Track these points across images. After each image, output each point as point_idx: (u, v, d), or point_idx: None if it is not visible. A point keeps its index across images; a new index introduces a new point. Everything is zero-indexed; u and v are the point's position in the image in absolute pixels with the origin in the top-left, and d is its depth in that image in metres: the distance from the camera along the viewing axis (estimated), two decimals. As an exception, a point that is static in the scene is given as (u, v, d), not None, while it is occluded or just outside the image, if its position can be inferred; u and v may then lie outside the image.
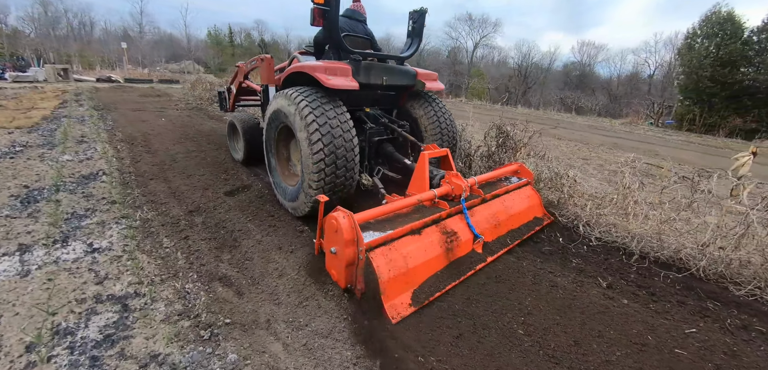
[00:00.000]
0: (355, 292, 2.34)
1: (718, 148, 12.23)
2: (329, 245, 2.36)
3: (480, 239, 2.94)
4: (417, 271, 2.45)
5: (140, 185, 4.12)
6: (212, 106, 10.95)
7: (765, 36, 16.40)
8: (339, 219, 2.25)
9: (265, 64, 4.31)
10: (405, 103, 4.46)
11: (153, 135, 6.75)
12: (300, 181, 3.17)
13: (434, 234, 2.68)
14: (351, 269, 2.30)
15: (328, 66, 3.09)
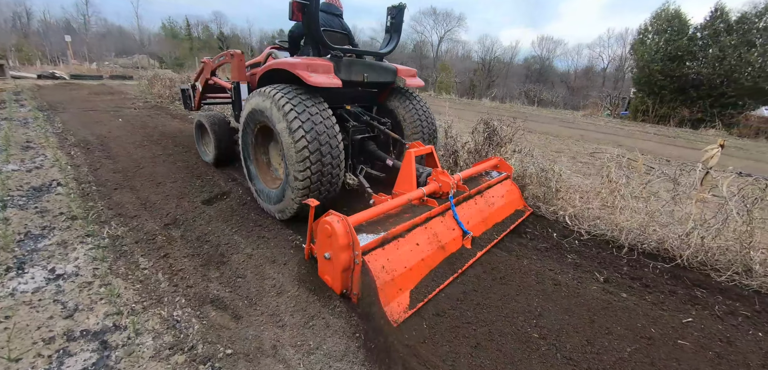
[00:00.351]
0: (350, 297, 2.28)
1: (672, 138, 13.14)
2: (322, 250, 2.29)
3: (469, 234, 2.97)
4: (412, 271, 2.43)
5: (103, 196, 3.68)
6: (174, 104, 10.21)
7: (707, 33, 17.78)
8: (333, 224, 2.18)
9: (235, 60, 4.11)
10: (384, 100, 4.40)
11: (111, 138, 6.13)
12: (284, 183, 3.06)
13: (426, 233, 2.67)
14: (346, 273, 2.24)
15: (309, 63, 2.99)
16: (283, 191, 3.08)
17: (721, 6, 17.53)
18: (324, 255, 2.28)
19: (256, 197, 3.56)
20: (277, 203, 3.21)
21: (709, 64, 17.52)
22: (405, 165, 3.05)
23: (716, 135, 15.03)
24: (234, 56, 4.13)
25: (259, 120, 3.20)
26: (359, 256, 2.16)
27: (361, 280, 2.20)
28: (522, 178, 4.53)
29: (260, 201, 3.47)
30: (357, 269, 2.19)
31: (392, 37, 4.03)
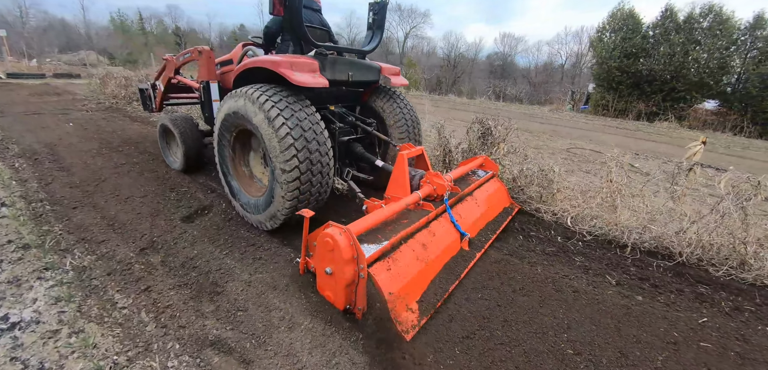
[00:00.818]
0: (354, 313, 2.16)
1: (633, 131, 13.88)
2: (323, 264, 2.16)
3: (466, 236, 2.92)
4: (417, 280, 2.33)
5: (61, 218, 3.15)
6: (132, 105, 9.30)
7: (658, 31, 19.01)
8: (335, 236, 2.04)
9: (203, 57, 3.82)
10: (367, 100, 4.25)
11: (62, 146, 5.39)
12: (269, 192, 2.87)
13: (425, 238, 2.57)
14: (350, 288, 2.12)
15: (293, 60, 2.79)
16: (270, 198, 2.88)
17: (670, 6, 18.79)
18: (325, 270, 2.14)
19: (242, 214, 3.24)
20: (263, 212, 2.99)
21: (660, 61, 18.72)
22: (398, 168, 2.92)
23: (670, 127, 16.12)
24: (202, 53, 3.84)
25: (238, 124, 2.98)
26: (364, 269, 2.03)
27: (366, 294, 2.09)
28: (519, 180, 4.45)
29: (247, 215, 3.17)
30: (362, 282, 2.07)
31: (374, 34, 3.89)
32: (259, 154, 3.41)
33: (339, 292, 2.14)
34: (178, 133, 4.27)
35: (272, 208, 2.88)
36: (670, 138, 12.73)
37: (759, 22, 17.06)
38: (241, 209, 3.22)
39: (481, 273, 2.84)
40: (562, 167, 4.96)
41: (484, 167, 4.08)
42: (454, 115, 13.47)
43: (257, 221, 3.09)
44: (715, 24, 17.55)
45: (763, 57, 16.72)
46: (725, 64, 17.58)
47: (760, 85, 16.56)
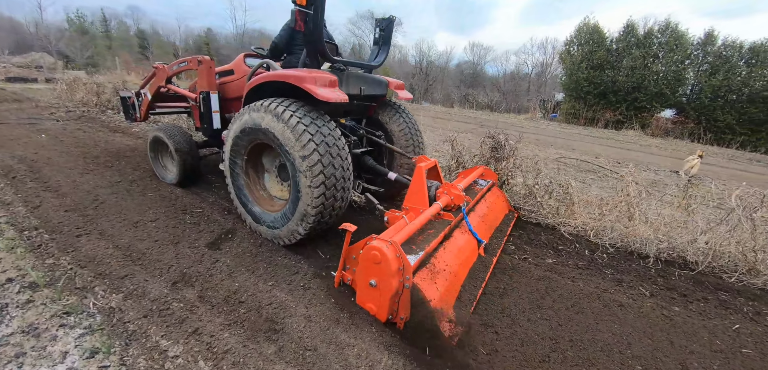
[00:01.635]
0: (396, 322, 2.18)
1: (606, 139, 14.68)
2: (367, 277, 2.17)
3: (483, 243, 3.06)
4: (451, 287, 2.42)
5: (66, 248, 2.77)
6: (106, 114, 8.58)
7: (621, 45, 20.33)
8: (383, 249, 2.05)
9: (204, 67, 3.74)
10: (373, 113, 4.34)
11: (41, 161, 4.82)
12: (289, 207, 2.88)
13: (452, 247, 2.69)
14: (394, 299, 2.13)
15: (316, 76, 2.79)
16: (291, 213, 2.87)
17: (631, 22, 20.17)
18: (369, 282, 2.15)
19: (267, 235, 3.14)
20: (283, 227, 2.96)
21: (623, 73, 20.02)
22: (416, 180, 2.97)
23: (635, 135, 17.20)
24: (202, 63, 3.76)
25: (255, 139, 2.97)
26: (410, 279, 2.07)
27: (409, 303, 2.11)
28: (537, 194, 4.50)
29: (270, 232, 3.10)
30: (406, 292, 2.10)
31: (381, 49, 3.96)
32: (273, 169, 3.37)
33: (383, 303, 2.14)
34: (173, 147, 4.07)
35: (293, 223, 2.86)
36: (639, 146, 13.58)
37: (709, 38, 18.68)
38: (268, 232, 3.10)
39: (531, 291, 2.84)
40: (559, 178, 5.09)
41: (484, 177, 4.21)
42: (441, 124, 13.61)
43: (274, 235, 3.05)
44: (672, 39, 19.04)
45: (714, 70, 18.30)
46: (681, 77, 19.10)
47: (711, 95, 18.10)
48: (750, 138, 17.00)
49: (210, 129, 3.87)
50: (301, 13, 2.81)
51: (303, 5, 2.77)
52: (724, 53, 18.37)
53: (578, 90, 21.42)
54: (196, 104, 4.00)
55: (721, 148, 15.44)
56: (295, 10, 2.82)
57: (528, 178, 4.72)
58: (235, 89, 3.97)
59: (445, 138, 9.62)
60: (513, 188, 4.79)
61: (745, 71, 17.59)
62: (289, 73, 2.89)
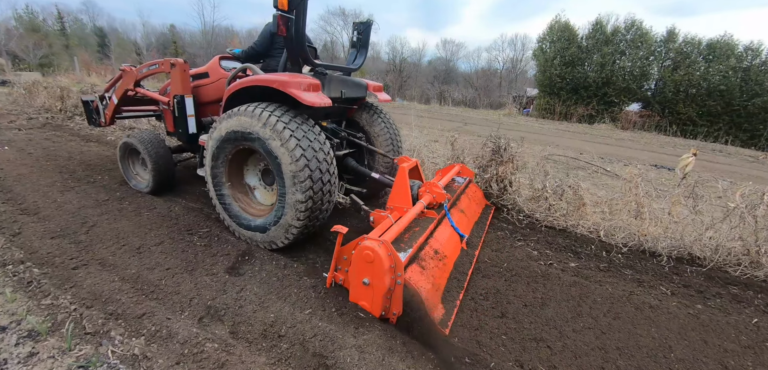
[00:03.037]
0: (389, 318, 2.26)
1: (582, 134, 15.22)
2: (360, 276, 2.25)
3: (465, 238, 3.20)
4: (438, 281, 2.53)
5: (62, 284, 2.43)
6: (73, 120, 7.86)
7: (591, 42, 21.15)
8: (375, 248, 2.14)
9: (177, 70, 3.66)
10: (352, 115, 4.44)
11: (10, 178, 4.28)
12: (276, 211, 2.91)
13: (437, 242, 2.79)
14: (387, 295, 2.22)
15: (300, 81, 2.83)
16: (277, 217, 2.90)
17: (600, 20, 21.01)
18: (362, 281, 2.23)
19: (253, 240, 3.17)
20: (268, 232, 2.99)
21: (594, 69, 20.85)
22: (399, 180, 3.07)
23: (607, 128, 17.97)
24: (176, 66, 3.66)
25: (239, 144, 2.96)
26: (401, 276, 2.16)
27: (402, 299, 2.20)
28: (548, 196, 4.52)
29: (257, 237, 3.11)
30: (398, 289, 2.18)
31: (359, 52, 4.04)
32: (257, 173, 3.38)
33: (377, 300, 2.22)
34: (147, 154, 3.94)
35: (280, 227, 2.90)
36: (614, 140, 14.18)
37: (671, 36, 19.79)
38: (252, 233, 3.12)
39: (567, 299, 2.84)
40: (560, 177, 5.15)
41: (461, 174, 4.36)
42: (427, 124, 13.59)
43: (261, 239, 3.07)
44: (637, 37, 20.01)
45: (675, 66, 19.42)
46: (646, 72, 20.13)
47: (674, 89, 19.20)
48: (709, 129, 18.19)
49: (185, 134, 3.77)
50: (282, 18, 2.80)
51: (285, 10, 2.77)
52: (684, 49, 19.52)
53: (551, 86, 22.11)
54: (169, 108, 3.88)
55: (686, 140, 16.42)
56: (277, 14, 2.79)
57: (535, 180, 4.73)
58: (211, 92, 3.93)
59: (433, 138, 9.60)
60: (518, 191, 4.79)
61: (704, 67, 18.77)
62: (273, 77, 2.88)
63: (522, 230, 4.06)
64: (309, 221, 2.84)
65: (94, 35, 39.76)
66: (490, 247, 3.57)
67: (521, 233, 3.99)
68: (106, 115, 4.73)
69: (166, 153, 4.09)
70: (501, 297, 2.75)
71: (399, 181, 3.05)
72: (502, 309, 2.60)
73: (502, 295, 2.78)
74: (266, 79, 2.88)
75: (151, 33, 48.84)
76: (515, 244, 3.73)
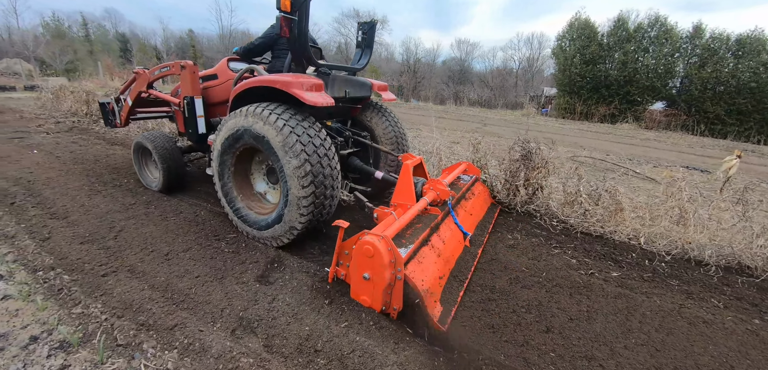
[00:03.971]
0: (389, 313, 2.28)
1: (605, 134, 14.75)
2: (361, 271, 2.26)
3: (468, 235, 3.17)
4: (439, 277, 2.51)
5: (92, 291, 2.39)
6: (99, 124, 8.00)
7: (612, 39, 20.54)
8: (376, 244, 2.14)
9: (187, 72, 3.74)
10: (357, 114, 4.47)
11: (39, 182, 4.34)
12: (280, 209, 2.96)
13: (439, 239, 2.78)
14: (387, 290, 2.23)
15: (303, 81, 2.86)
16: (281, 215, 2.94)
17: (622, 17, 20.39)
18: (363, 276, 2.24)
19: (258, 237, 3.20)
20: (272, 229, 3.05)
21: (616, 67, 20.24)
22: (403, 177, 3.08)
23: (631, 128, 17.39)
24: (185, 68, 3.74)
25: (244, 143, 3.02)
26: (401, 271, 2.16)
27: (402, 295, 2.20)
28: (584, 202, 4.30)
29: (261, 234, 3.15)
30: (398, 284, 2.19)
31: (364, 52, 4.07)
32: (262, 172, 3.44)
33: (377, 295, 2.23)
34: (157, 154, 4.07)
35: (284, 224, 2.94)
36: (640, 140, 13.68)
37: (698, 32, 19.04)
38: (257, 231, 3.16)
39: (615, 312, 2.66)
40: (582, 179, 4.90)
41: (467, 172, 4.34)
42: (446, 125, 13.40)
43: (265, 236, 3.11)
44: (662, 33, 19.32)
45: (703, 63, 18.67)
46: (671, 69, 19.42)
47: (701, 87, 18.46)
48: (739, 128, 17.42)
49: (195, 134, 3.86)
50: (285, 20, 2.83)
51: (287, 12, 2.80)
52: (711, 46, 18.75)
53: (572, 85, 21.57)
54: (180, 109, 3.98)
55: (715, 139, 15.75)
56: (280, 16, 2.82)
57: (568, 184, 4.52)
58: (220, 93, 3.99)
59: (454, 140, 9.42)
60: (550, 196, 4.58)
61: (733, 63, 17.99)
62: (276, 78, 2.92)
63: (557, 237, 3.87)
64: (312, 217, 2.88)
65: (117, 41, 40.90)
66: (526, 255, 3.41)
67: (556, 240, 3.80)
68: (122, 116, 4.87)
69: (175, 153, 4.21)
70: (544, 310, 2.58)
71: (403, 178, 3.07)
72: (547, 323, 2.44)
73: (545, 308, 2.61)
74: (270, 80, 2.94)
75: (170, 38, 50.00)
76: (552, 251, 3.55)
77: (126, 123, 4.96)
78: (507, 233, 3.86)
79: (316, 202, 2.86)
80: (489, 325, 2.38)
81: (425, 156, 6.51)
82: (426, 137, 8.09)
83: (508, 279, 2.95)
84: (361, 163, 4.03)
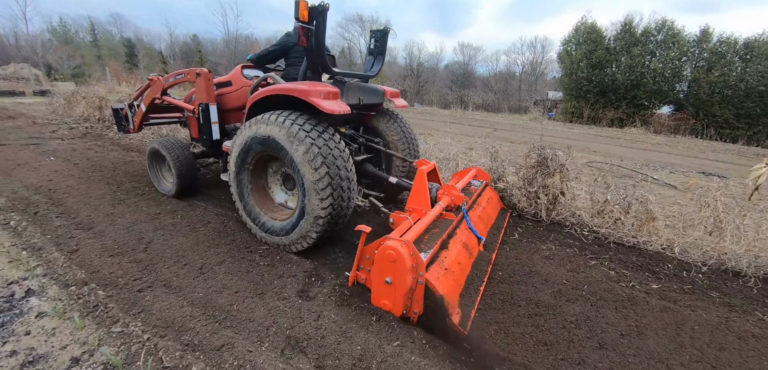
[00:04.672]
0: (409, 316, 2.30)
1: (615, 138, 14.66)
2: (382, 275, 2.28)
3: (482, 240, 3.19)
4: (458, 281, 2.53)
5: (130, 308, 2.31)
6: (112, 129, 7.95)
7: (619, 43, 20.48)
8: (398, 249, 2.17)
9: (202, 79, 3.79)
10: (370, 121, 4.52)
11: (60, 190, 4.28)
12: (297, 215, 3.00)
13: (454, 244, 2.79)
14: (409, 294, 2.25)
15: (320, 89, 2.89)
16: (298, 222, 2.98)
17: (628, 20, 20.35)
18: (384, 280, 2.26)
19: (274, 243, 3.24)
20: (289, 235, 3.07)
21: (622, 71, 20.18)
22: (418, 182, 3.09)
23: (639, 132, 17.30)
24: (201, 75, 3.80)
25: (262, 151, 3.07)
26: (423, 275, 2.18)
27: (423, 298, 2.22)
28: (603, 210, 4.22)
29: (278, 240, 3.19)
30: (420, 288, 2.21)
31: (376, 60, 4.12)
32: (278, 178, 3.46)
33: (398, 299, 2.25)
34: (171, 159, 4.13)
35: (301, 231, 2.97)
36: (651, 145, 13.59)
37: (705, 35, 18.99)
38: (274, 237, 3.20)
39: (663, 326, 2.59)
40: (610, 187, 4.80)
41: (477, 177, 4.39)
42: (457, 130, 13.34)
43: (282, 242, 3.14)
44: (669, 37, 19.27)
45: (710, 66, 18.60)
46: (678, 73, 19.34)
47: (709, 91, 18.38)
48: (748, 132, 17.31)
49: (209, 140, 3.90)
50: (303, 29, 2.88)
51: (306, 22, 2.86)
52: (718, 49, 18.68)
53: (578, 89, 21.49)
54: (194, 116, 4.03)
55: (725, 144, 15.64)
56: (298, 26, 2.87)
57: (595, 192, 4.44)
58: (233, 100, 4.06)
59: (467, 146, 9.34)
60: (574, 203, 4.49)
61: (741, 67, 17.91)
62: (294, 86, 2.96)
63: (590, 247, 3.79)
64: (330, 224, 2.92)
65: (123, 46, 41.06)
66: (564, 266, 3.33)
67: (590, 251, 3.71)
68: (135, 122, 4.91)
69: (189, 158, 4.27)
70: (593, 325, 2.50)
71: (418, 183, 3.08)
72: (599, 340, 2.36)
73: (594, 322, 2.53)
74: (288, 89, 2.97)
75: (175, 43, 50.10)
76: (588, 263, 3.46)
77: (139, 128, 5.01)
78: (540, 243, 3.78)
79: (334, 210, 2.89)
80: (542, 342, 2.30)
81: (441, 163, 6.44)
82: (440, 143, 8.01)
83: (551, 292, 2.88)
84: (375, 169, 4.08)
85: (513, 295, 2.80)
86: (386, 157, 4.47)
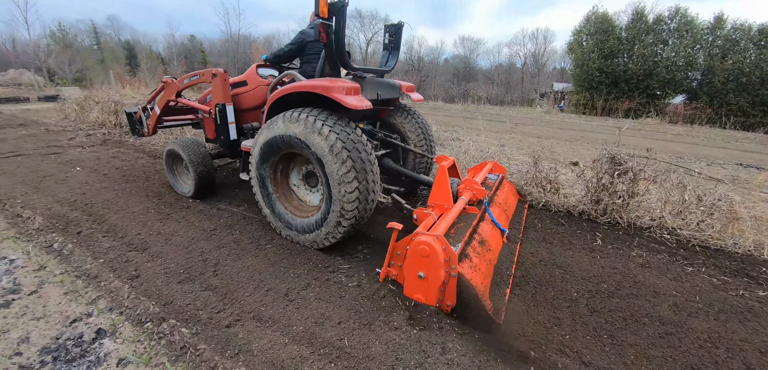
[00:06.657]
0: (442, 308, 2.32)
1: (634, 130, 14.39)
2: (415, 270, 2.29)
3: (506, 232, 3.18)
4: (487, 272, 2.55)
5: (223, 348, 2.01)
6: (131, 136, 7.60)
7: (631, 32, 20.20)
8: (431, 244, 2.19)
9: (218, 80, 3.80)
10: (386, 116, 4.50)
11: (98, 206, 3.95)
12: (323, 212, 3.03)
13: (480, 237, 2.80)
14: (442, 288, 2.26)
15: (342, 85, 2.88)
16: (324, 218, 3.00)
17: (640, 9, 20.05)
18: (418, 275, 2.28)
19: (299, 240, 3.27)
20: (315, 232, 3.10)
21: (635, 61, 19.91)
22: (440, 178, 3.10)
23: (655, 123, 17.06)
24: (217, 76, 3.80)
25: (286, 149, 3.08)
26: (455, 269, 2.21)
27: (455, 291, 2.24)
28: (683, 211, 3.95)
29: (303, 237, 3.22)
30: (452, 281, 2.23)
31: (391, 55, 4.09)
32: (300, 176, 3.45)
33: (431, 293, 2.27)
34: (189, 160, 4.13)
35: (327, 228, 3.00)
36: (672, 135, 13.35)
37: (719, 22, 18.73)
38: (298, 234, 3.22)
39: None
40: (687, 188, 4.52)
41: (494, 171, 4.37)
42: (472, 125, 13.04)
43: (307, 240, 3.16)
44: (682, 25, 19.00)
45: (725, 54, 18.36)
46: (692, 61, 19.10)
47: (723, 79, 18.15)
48: (763, 120, 17.12)
49: (227, 140, 3.91)
50: (323, 25, 2.89)
51: (325, 18, 2.88)
52: (733, 36, 18.44)
53: (590, 80, 21.22)
54: (210, 116, 4.04)
55: (745, 133, 15.43)
56: (318, 23, 2.89)
57: (672, 194, 4.17)
58: (249, 100, 4.06)
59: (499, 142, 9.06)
60: (640, 205, 4.22)
61: (755, 54, 17.68)
62: (316, 83, 2.97)
63: (678, 252, 3.52)
64: (355, 220, 2.92)
65: (122, 49, 40.31)
66: (664, 275, 3.07)
67: (680, 255, 3.45)
68: (149, 125, 4.86)
69: (207, 159, 4.29)
70: (729, 343, 2.26)
71: (439, 179, 3.09)
72: (744, 360, 2.11)
73: (728, 340, 2.29)
74: (310, 85, 2.98)
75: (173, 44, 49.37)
76: (685, 269, 3.19)
77: (153, 132, 4.96)
78: (628, 249, 3.51)
79: (360, 206, 2.90)
80: (689, 366, 2.04)
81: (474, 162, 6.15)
82: (476, 142, 7.70)
83: (668, 306, 2.61)
84: (394, 164, 4.15)
85: (631, 312, 2.53)
86: (404, 152, 4.50)
